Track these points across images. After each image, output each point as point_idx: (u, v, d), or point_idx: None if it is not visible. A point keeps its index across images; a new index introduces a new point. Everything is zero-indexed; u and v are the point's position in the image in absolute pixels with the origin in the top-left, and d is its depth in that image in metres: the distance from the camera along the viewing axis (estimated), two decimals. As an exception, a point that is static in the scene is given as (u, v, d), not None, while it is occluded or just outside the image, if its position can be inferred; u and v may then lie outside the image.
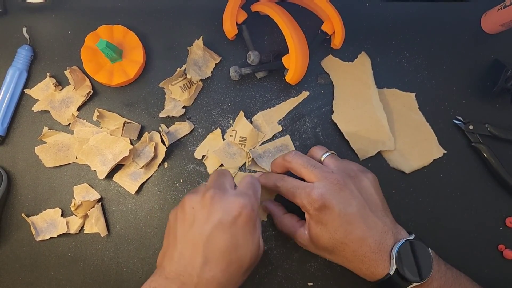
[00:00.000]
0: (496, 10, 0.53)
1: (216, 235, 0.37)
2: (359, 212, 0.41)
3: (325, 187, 0.41)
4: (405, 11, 0.56)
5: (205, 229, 0.37)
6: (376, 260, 0.40)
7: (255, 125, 0.53)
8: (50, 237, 0.50)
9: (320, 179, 0.42)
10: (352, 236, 0.41)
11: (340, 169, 0.43)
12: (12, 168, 0.52)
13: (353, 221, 0.40)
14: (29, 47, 0.53)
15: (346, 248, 0.41)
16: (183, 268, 0.37)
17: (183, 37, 0.55)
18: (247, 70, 0.53)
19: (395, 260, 0.39)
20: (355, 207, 0.41)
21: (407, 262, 0.39)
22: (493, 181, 0.53)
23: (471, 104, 0.55)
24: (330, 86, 0.55)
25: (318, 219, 0.42)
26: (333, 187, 0.41)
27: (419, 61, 0.55)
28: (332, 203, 0.40)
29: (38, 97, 0.52)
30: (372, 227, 0.41)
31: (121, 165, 0.52)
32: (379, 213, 0.42)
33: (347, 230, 0.41)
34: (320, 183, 0.41)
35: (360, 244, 0.41)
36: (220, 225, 0.37)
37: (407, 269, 0.39)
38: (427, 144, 0.53)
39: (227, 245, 0.37)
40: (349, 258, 0.42)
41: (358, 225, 0.40)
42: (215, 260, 0.37)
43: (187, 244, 0.38)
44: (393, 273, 0.40)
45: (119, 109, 0.53)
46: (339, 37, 0.52)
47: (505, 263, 0.51)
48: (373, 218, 0.41)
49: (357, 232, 0.40)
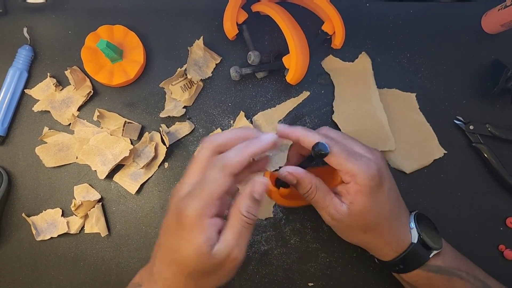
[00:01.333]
0: (497, 10, 0.53)
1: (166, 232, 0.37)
2: (395, 187, 0.43)
3: (377, 159, 0.40)
4: (405, 11, 0.56)
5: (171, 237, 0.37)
6: (403, 232, 0.42)
7: (256, 125, 0.53)
8: (50, 237, 0.50)
9: (367, 152, 0.41)
10: (393, 209, 0.42)
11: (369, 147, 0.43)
12: (13, 168, 0.52)
13: (394, 196, 0.42)
14: (29, 47, 0.53)
15: (385, 223, 0.41)
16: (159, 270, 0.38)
17: (184, 37, 0.55)
18: (248, 70, 0.53)
19: (415, 229, 0.42)
20: (394, 182, 0.43)
21: (425, 230, 0.42)
22: (493, 181, 0.53)
23: (471, 104, 0.55)
24: (331, 86, 0.55)
25: (371, 193, 0.39)
26: (381, 161, 0.41)
27: (420, 61, 0.55)
28: (385, 178, 0.40)
29: (38, 97, 0.52)
30: (401, 201, 0.44)
31: (122, 165, 0.52)
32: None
33: (390, 204, 0.41)
34: (370, 156, 0.40)
35: (396, 218, 0.42)
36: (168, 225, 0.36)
37: (427, 235, 0.42)
38: (428, 144, 0.53)
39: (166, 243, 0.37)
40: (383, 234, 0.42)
41: (396, 200, 0.43)
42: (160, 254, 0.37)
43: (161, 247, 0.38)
44: (416, 241, 0.42)
45: (120, 109, 0.53)
46: (339, 37, 0.52)
47: (506, 263, 0.51)
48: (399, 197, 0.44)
49: (396, 206, 0.42)
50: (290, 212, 0.52)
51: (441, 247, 0.42)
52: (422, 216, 0.44)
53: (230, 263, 0.35)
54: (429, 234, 0.42)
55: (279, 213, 0.52)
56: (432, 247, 0.41)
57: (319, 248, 0.51)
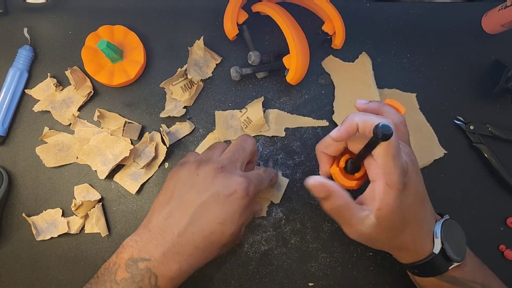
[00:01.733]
0: (497, 10, 0.53)
1: (209, 203, 0.39)
2: (424, 191, 0.40)
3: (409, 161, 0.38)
4: (406, 12, 0.56)
5: (202, 195, 0.39)
6: (425, 240, 0.40)
7: (266, 116, 0.53)
8: (50, 237, 0.50)
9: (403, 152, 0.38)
10: (416, 215, 0.39)
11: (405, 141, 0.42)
12: (13, 168, 0.52)
13: (420, 200, 0.40)
14: (30, 47, 0.53)
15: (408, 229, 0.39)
16: (168, 226, 0.38)
17: (184, 37, 0.55)
18: (248, 70, 0.53)
19: (440, 239, 0.39)
20: (422, 186, 0.40)
21: (449, 241, 0.39)
22: (493, 181, 0.53)
23: (471, 104, 0.55)
24: (331, 87, 0.55)
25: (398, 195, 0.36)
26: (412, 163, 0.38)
27: (420, 61, 0.55)
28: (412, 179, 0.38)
29: (38, 97, 0.52)
30: (427, 207, 0.41)
31: (122, 165, 0.52)
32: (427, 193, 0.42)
33: (415, 209, 0.39)
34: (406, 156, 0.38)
35: (419, 224, 0.40)
36: (216, 196, 0.39)
37: (450, 247, 0.39)
38: (428, 144, 0.53)
39: (216, 216, 0.39)
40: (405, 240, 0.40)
41: (421, 205, 0.40)
42: (200, 225, 0.38)
43: (180, 204, 0.39)
44: (438, 252, 0.39)
45: (120, 109, 0.53)
46: (339, 37, 0.52)
47: (506, 263, 0.51)
48: (427, 201, 0.41)
49: (420, 212, 0.40)
50: (290, 212, 0.52)
51: (463, 260, 0.39)
52: (451, 223, 0.41)
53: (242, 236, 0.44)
54: (453, 245, 0.39)
55: (279, 213, 0.52)
56: (454, 259, 0.39)
57: (319, 248, 0.51)
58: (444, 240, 0.39)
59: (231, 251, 0.51)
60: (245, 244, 0.51)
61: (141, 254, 0.37)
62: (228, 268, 0.51)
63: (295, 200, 0.52)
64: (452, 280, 0.40)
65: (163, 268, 0.37)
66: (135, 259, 0.37)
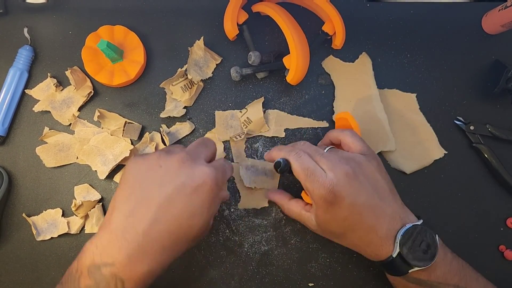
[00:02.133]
0: (497, 10, 0.53)
1: (175, 196, 0.36)
2: (368, 202, 0.41)
3: (336, 178, 0.40)
4: (406, 12, 0.56)
5: (166, 188, 0.36)
6: (382, 245, 0.41)
7: (266, 117, 0.53)
8: (50, 237, 0.50)
9: (330, 169, 0.41)
10: (360, 225, 0.41)
11: (346, 158, 0.43)
12: (13, 168, 0.52)
13: (362, 211, 0.41)
14: (30, 47, 0.53)
15: (353, 235, 0.43)
16: (130, 225, 0.35)
17: (184, 37, 0.55)
18: (248, 71, 0.53)
19: (398, 244, 0.40)
20: (364, 198, 0.41)
21: (411, 247, 0.40)
22: (493, 181, 0.53)
23: (472, 105, 0.55)
24: (331, 87, 0.55)
25: (327, 209, 0.41)
26: (344, 178, 0.40)
27: (420, 61, 0.55)
28: (342, 195, 0.40)
29: (39, 98, 0.52)
30: (380, 215, 0.41)
31: (122, 165, 0.52)
32: (387, 200, 0.42)
33: (356, 220, 0.41)
34: (330, 173, 0.40)
35: (368, 232, 0.41)
36: (182, 188, 0.36)
37: (410, 253, 0.40)
38: (428, 145, 0.53)
39: (183, 210, 0.36)
40: (355, 242, 0.44)
41: (367, 215, 0.41)
42: (166, 221, 0.36)
43: (143, 200, 0.36)
44: (395, 256, 0.40)
45: (120, 109, 0.53)
46: (340, 37, 0.52)
47: (506, 263, 0.51)
48: (382, 206, 0.42)
49: (366, 221, 0.41)
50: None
51: (426, 265, 0.40)
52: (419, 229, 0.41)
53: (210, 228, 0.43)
54: (416, 250, 0.40)
55: (279, 214, 0.52)
56: (414, 264, 0.40)
57: (319, 248, 0.51)
58: (403, 245, 0.40)
59: (230, 252, 0.51)
60: (245, 244, 0.51)
61: (103, 259, 0.34)
62: (228, 268, 0.51)
63: (295, 200, 0.52)
64: (418, 282, 0.41)
65: (129, 271, 0.34)
66: (97, 265, 0.34)
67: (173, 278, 0.50)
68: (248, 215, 0.52)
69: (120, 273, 0.34)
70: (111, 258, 0.34)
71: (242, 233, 0.51)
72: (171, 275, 0.50)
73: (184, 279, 0.50)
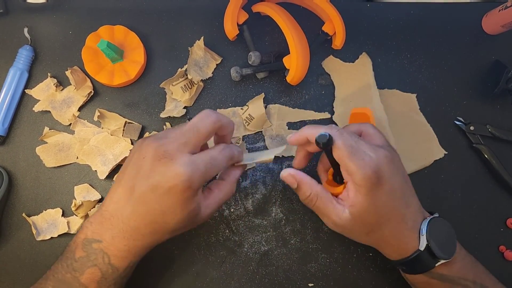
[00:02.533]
0: (497, 11, 0.53)
1: (147, 194, 0.37)
2: (402, 188, 0.41)
3: (378, 159, 0.39)
4: (406, 12, 0.56)
5: (142, 185, 0.37)
6: (409, 237, 0.40)
7: (268, 112, 0.53)
8: (50, 237, 0.50)
9: (371, 150, 0.39)
10: (394, 212, 0.40)
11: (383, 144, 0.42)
12: (13, 168, 0.52)
13: (398, 197, 0.40)
14: (30, 47, 0.53)
15: (387, 225, 0.41)
16: (115, 212, 0.39)
17: (184, 37, 0.55)
18: (248, 71, 0.53)
19: (425, 236, 0.40)
20: (400, 183, 0.40)
21: (436, 239, 0.40)
22: (494, 182, 0.53)
23: (472, 105, 0.55)
24: (331, 87, 0.55)
25: (368, 193, 0.39)
26: (385, 161, 0.39)
27: (420, 62, 0.55)
28: (385, 177, 0.39)
29: (39, 97, 0.52)
30: (410, 204, 0.41)
31: (122, 165, 0.52)
32: (413, 190, 0.42)
33: (392, 207, 0.40)
34: (372, 154, 0.39)
35: (399, 221, 0.40)
36: (155, 189, 0.36)
37: (437, 246, 0.40)
38: (428, 145, 0.53)
39: (155, 208, 0.37)
40: (385, 236, 0.41)
41: (400, 202, 0.40)
42: (140, 214, 0.38)
43: (126, 191, 0.38)
44: (423, 249, 0.40)
45: (120, 109, 0.53)
46: (340, 37, 0.52)
47: (506, 264, 0.51)
48: (411, 194, 0.42)
49: (400, 209, 0.40)
50: (290, 213, 0.52)
51: (450, 257, 0.40)
52: (439, 221, 0.41)
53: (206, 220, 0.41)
54: (440, 242, 0.40)
55: (279, 214, 0.52)
56: (440, 257, 0.40)
57: (319, 248, 0.51)
58: (429, 237, 0.40)
59: (230, 252, 0.51)
60: (245, 244, 0.51)
61: (94, 236, 0.39)
62: (228, 268, 0.51)
63: (295, 200, 0.52)
64: (441, 277, 0.41)
65: (113, 249, 0.38)
66: (90, 240, 0.39)
67: (173, 278, 0.50)
68: (248, 215, 0.52)
69: (106, 249, 0.39)
70: (99, 236, 0.39)
71: (242, 233, 0.51)
72: (171, 275, 0.50)
73: (184, 279, 0.50)
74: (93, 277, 0.39)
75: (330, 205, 0.41)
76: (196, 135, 0.38)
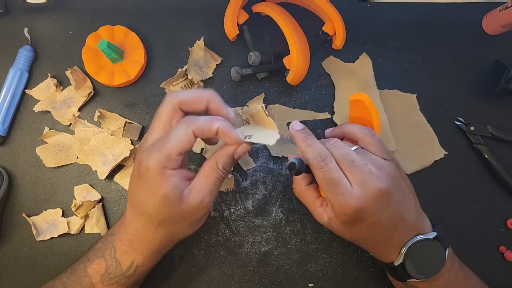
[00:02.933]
0: (498, 11, 0.53)
1: (131, 184, 0.39)
2: (393, 217, 0.38)
3: (364, 196, 0.36)
4: (406, 12, 0.56)
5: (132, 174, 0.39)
6: (390, 251, 0.41)
7: (268, 112, 0.53)
8: (50, 237, 0.50)
9: (359, 183, 0.37)
10: (377, 237, 0.40)
11: (378, 168, 0.38)
12: (13, 168, 0.52)
13: (383, 227, 0.39)
14: (30, 47, 0.53)
15: (364, 243, 0.42)
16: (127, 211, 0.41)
17: (184, 37, 0.55)
18: (248, 71, 0.53)
19: (403, 254, 0.39)
20: (389, 214, 0.38)
21: (416, 259, 0.39)
22: (494, 182, 0.53)
23: (472, 105, 0.55)
24: (331, 87, 0.55)
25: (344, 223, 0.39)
26: (374, 197, 0.36)
27: (420, 62, 0.55)
28: (366, 215, 0.37)
29: (39, 98, 0.52)
30: (401, 228, 0.39)
31: (122, 165, 0.52)
32: (409, 209, 0.40)
33: (373, 234, 0.40)
34: (358, 190, 0.37)
35: (382, 243, 0.41)
36: (132, 177, 0.39)
37: (413, 266, 0.39)
38: (428, 145, 0.53)
39: (133, 196, 0.39)
40: (366, 246, 0.43)
41: (387, 229, 0.39)
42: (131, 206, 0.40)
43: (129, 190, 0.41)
44: (397, 264, 0.40)
45: (120, 109, 0.53)
46: (340, 38, 0.52)
47: (506, 264, 0.51)
48: (404, 219, 0.39)
49: (384, 235, 0.40)
50: (290, 213, 0.52)
51: (426, 278, 0.40)
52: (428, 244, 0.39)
53: (200, 210, 0.38)
54: (419, 263, 0.39)
55: (279, 214, 0.52)
56: (414, 276, 0.39)
57: (319, 249, 0.51)
58: (407, 257, 0.39)
59: (230, 252, 0.51)
60: (245, 244, 0.51)
61: (113, 230, 0.42)
62: (228, 269, 0.51)
63: (295, 200, 0.52)
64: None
65: (119, 242, 0.41)
66: (109, 233, 0.42)
67: (173, 278, 0.50)
68: (248, 215, 0.52)
69: (114, 242, 0.41)
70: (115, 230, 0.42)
71: (242, 234, 0.51)
72: (171, 275, 0.50)
73: (184, 279, 0.50)
74: (98, 268, 0.40)
75: (312, 206, 0.42)
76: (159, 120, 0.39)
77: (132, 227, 0.40)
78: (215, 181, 0.38)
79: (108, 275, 0.40)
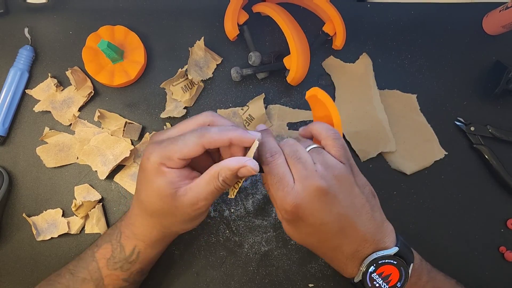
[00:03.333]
0: (498, 11, 0.53)
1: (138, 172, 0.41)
2: (338, 221, 0.37)
3: (303, 192, 0.36)
4: (406, 12, 0.56)
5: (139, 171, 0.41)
6: (347, 264, 0.39)
7: (268, 113, 0.53)
8: (51, 237, 0.50)
9: (300, 179, 0.36)
10: (325, 243, 0.39)
11: (326, 167, 0.37)
12: (13, 168, 0.52)
13: (328, 231, 0.37)
14: (30, 47, 0.53)
15: (317, 250, 0.41)
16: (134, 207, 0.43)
17: (184, 37, 0.55)
18: (248, 71, 0.53)
19: (362, 273, 0.38)
20: (333, 217, 0.36)
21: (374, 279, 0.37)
22: (494, 182, 0.53)
23: (472, 106, 0.55)
24: (331, 87, 0.55)
25: (288, 223, 0.39)
26: (313, 194, 0.35)
27: (421, 62, 0.55)
28: (305, 213, 0.36)
29: (39, 98, 0.52)
30: (351, 235, 0.37)
31: (122, 165, 0.52)
32: (362, 218, 0.38)
33: (320, 238, 0.38)
34: (299, 185, 0.36)
35: (333, 250, 0.39)
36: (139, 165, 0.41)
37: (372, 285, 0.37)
38: (428, 146, 0.53)
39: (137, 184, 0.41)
40: (320, 253, 0.42)
41: (334, 234, 0.37)
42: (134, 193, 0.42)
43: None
44: (357, 281, 0.39)
45: (120, 109, 0.53)
46: (340, 38, 0.52)
47: (506, 264, 0.51)
48: (354, 225, 0.37)
49: (332, 241, 0.38)
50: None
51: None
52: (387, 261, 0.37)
53: (193, 211, 0.38)
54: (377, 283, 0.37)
55: (280, 214, 0.52)
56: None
57: (319, 249, 0.51)
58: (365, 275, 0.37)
59: (230, 252, 0.51)
60: (245, 244, 0.51)
61: (122, 217, 0.44)
62: (228, 269, 0.51)
63: (295, 201, 0.52)
64: None
65: (124, 227, 0.43)
66: (120, 219, 0.44)
67: (173, 278, 0.50)
68: (248, 216, 0.52)
69: (121, 227, 0.43)
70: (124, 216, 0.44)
71: (242, 234, 0.51)
72: (171, 275, 0.50)
73: (184, 279, 0.50)
74: (105, 252, 0.42)
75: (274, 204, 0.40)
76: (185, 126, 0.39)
77: (133, 213, 0.42)
78: (213, 190, 0.37)
79: (113, 259, 0.42)
